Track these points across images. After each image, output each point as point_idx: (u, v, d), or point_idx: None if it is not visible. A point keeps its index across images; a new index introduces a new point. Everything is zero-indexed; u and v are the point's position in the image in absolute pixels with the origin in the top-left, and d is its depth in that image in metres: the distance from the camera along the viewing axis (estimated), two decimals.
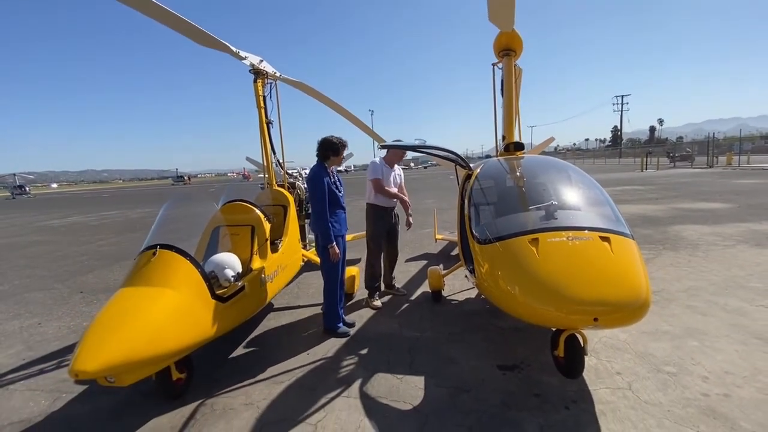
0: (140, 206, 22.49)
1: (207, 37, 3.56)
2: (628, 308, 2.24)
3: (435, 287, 4.55)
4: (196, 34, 3.46)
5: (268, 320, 4.30)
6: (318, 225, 3.63)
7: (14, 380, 3.31)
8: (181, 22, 3.25)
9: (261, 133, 4.94)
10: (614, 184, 18.30)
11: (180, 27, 3.32)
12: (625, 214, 9.21)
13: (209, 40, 3.62)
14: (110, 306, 2.54)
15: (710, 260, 5.44)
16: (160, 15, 3.14)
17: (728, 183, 15.73)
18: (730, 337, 3.30)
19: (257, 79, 4.70)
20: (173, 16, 3.17)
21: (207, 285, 2.89)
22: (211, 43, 3.67)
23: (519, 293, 2.54)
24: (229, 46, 3.95)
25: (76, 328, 4.40)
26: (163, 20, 3.20)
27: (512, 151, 4.27)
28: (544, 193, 3.21)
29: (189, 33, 3.44)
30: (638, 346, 3.22)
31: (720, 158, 30.77)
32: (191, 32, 3.42)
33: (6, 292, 5.99)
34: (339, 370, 3.16)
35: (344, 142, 3.77)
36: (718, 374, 2.77)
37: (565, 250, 2.54)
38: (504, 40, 4.27)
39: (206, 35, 3.53)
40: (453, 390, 2.79)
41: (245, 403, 2.77)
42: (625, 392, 2.63)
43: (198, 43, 3.59)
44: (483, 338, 3.57)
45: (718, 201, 10.80)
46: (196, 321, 2.74)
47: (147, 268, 2.78)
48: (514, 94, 4.50)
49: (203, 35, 3.51)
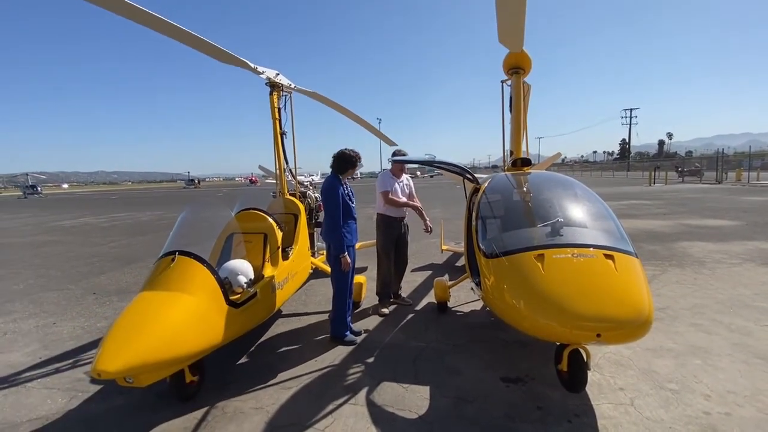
0: (149, 209, 22.81)
1: (228, 56, 3.83)
2: (631, 325, 2.31)
3: (441, 298, 4.62)
4: (218, 53, 3.72)
5: (276, 326, 4.39)
6: (331, 235, 3.74)
7: (31, 378, 3.42)
8: (205, 44, 3.51)
9: (275, 144, 5.09)
10: (622, 198, 18.27)
11: (204, 48, 3.59)
12: (632, 229, 9.12)
13: (230, 58, 3.89)
14: (131, 309, 2.65)
15: (716, 278, 5.46)
16: (189, 40, 3.41)
17: (737, 200, 15.64)
18: (733, 356, 3.32)
19: (273, 91, 4.86)
20: (199, 40, 3.42)
21: (222, 291, 3.00)
22: (232, 60, 3.94)
23: (524, 307, 2.61)
24: (247, 62, 4.20)
25: (90, 329, 4.52)
26: (191, 44, 3.47)
27: (519, 167, 4.36)
28: (550, 209, 3.28)
29: (212, 52, 3.70)
30: (642, 362, 3.26)
31: (729, 174, 30.53)
32: (214, 52, 3.68)
33: (21, 292, 6.15)
34: (346, 378, 3.24)
35: (359, 155, 3.93)
36: (720, 393, 2.81)
37: (570, 266, 2.61)
38: (513, 59, 4.39)
39: (227, 54, 3.79)
40: (457, 400, 2.85)
41: (255, 407, 2.86)
42: (628, 408, 2.68)
43: (220, 60, 3.86)
44: (487, 350, 3.63)
45: (726, 218, 10.76)
46: (211, 326, 2.85)
47: (166, 274, 2.90)
48: (522, 110, 4.61)
49: (224, 54, 3.78)
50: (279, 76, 4.82)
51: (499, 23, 3.28)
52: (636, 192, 21.81)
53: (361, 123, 6.10)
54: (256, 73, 4.51)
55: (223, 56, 3.82)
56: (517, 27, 3.36)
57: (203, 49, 3.61)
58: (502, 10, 3.08)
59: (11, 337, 4.36)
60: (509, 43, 3.79)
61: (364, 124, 6.12)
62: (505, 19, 3.24)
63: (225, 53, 3.77)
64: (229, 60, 3.92)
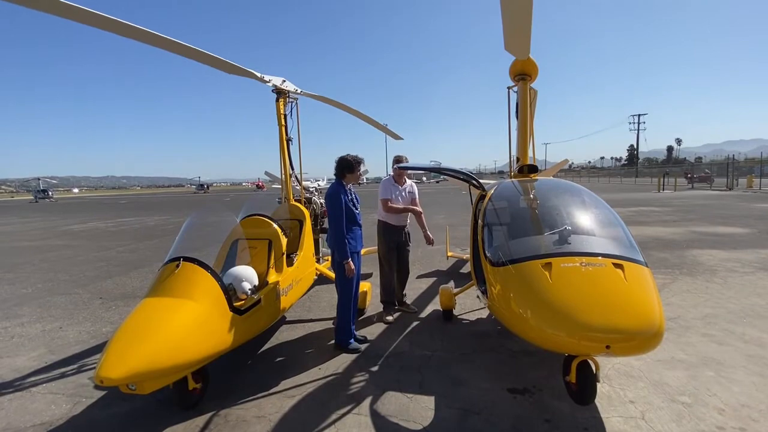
0: (157, 213, 23.02)
1: (235, 68, 4.00)
2: (641, 337, 2.25)
3: (446, 306, 4.57)
4: (225, 65, 3.91)
5: (280, 332, 4.37)
6: (335, 242, 3.72)
7: (37, 383, 3.43)
8: (211, 58, 3.68)
9: (281, 150, 5.11)
10: (630, 204, 18.06)
11: (211, 62, 3.77)
12: (641, 236, 9.00)
13: (237, 70, 4.05)
14: (135, 315, 2.65)
15: (728, 287, 5.35)
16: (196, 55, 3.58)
17: (748, 207, 15.39)
18: (747, 368, 3.24)
19: (279, 98, 4.90)
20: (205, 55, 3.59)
21: (226, 298, 2.99)
22: (239, 71, 4.10)
23: (531, 317, 2.56)
24: (254, 72, 4.34)
25: (95, 333, 4.54)
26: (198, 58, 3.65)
27: (526, 174, 4.32)
28: (557, 216, 3.24)
29: (219, 65, 3.89)
30: (653, 374, 3.19)
31: (740, 180, 30.10)
32: (221, 64, 3.87)
33: (30, 296, 6.21)
34: (350, 387, 3.20)
35: (359, 159, 3.91)
36: (734, 407, 2.73)
37: (578, 275, 2.56)
38: (519, 66, 4.37)
39: (234, 66, 3.96)
40: (463, 412, 2.80)
41: (257, 416, 2.83)
42: (638, 422, 2.61)
43: (227, 72, 4.04)
44: (494, 360, 3.58)
45: (738, 225, 10.58)
46: (215, 333, 2.83)
47: (170, 280, 2.90)
48: (529, 116, 4.57)
49: (232, 66, 3.95)
50: (285, 83, 4.85)
51: (505, 31, 3.26)
52: (645, 198, 21.56)
53: (367, 120, 6.32)
54: (263, 81, 4.62)
55: (229, 68, 3.98)
56: (523, 34, 3.34)
57: (211, 63, 3.77)
58: (508, 18, 3.06)
59: (18, 341, 4.39)
60: (515, 50, 3.77)
61: (371, 121, 6.35)
62: (511, 26, 3.22)
63: (231, 65, 3.93)
64: (235, 71, 4.08)
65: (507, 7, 2.89)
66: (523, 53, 3.89)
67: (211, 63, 3.77)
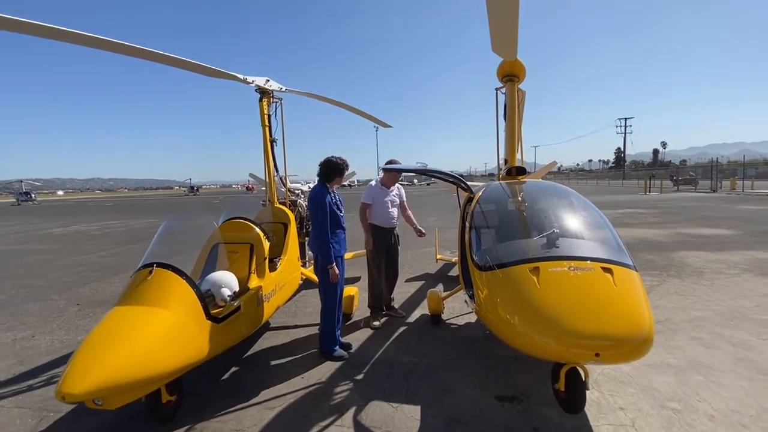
0: (143, 216, 22.56)
1: (217, 72, 4.08)
2: (631, 344, 2.18)
3: (434, 311, 4.48)
4: (208, 71, 4.01)
5: (263, 340, 4.23)
6: (318, 246, 3.61)
7: (3, 396, 3.25)
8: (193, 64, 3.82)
9: (264, 151, 4.99)
10: (617, 206, 18.24)
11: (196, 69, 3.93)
12: (628, 238, 9.01)
13: (219, 73, 4.14)
14: (102, 326, 2.50)
15: (715, 289, 5.36)
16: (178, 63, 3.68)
17: (732, 208, 15.64)
18: (736, 372, 3.20)
19: (263, 98, 4.78)
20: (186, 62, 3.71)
21: (202, 305, 2.86)
22: (221, 75, 4.19)
23: (518, 323, 2.49)
24: (236, 75, 4.37)
25: (69, 342, 4.34)
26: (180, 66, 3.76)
27: (514, 176, 4.26)
28: (545, 220, 3.17)
29: (201, 70, 3.98)
30: (642, 379, 3.13)
31: (724, 183, 30.73)
32: (203, 70, 3.97)
33: (1, 303, 5.95)
34: (333, 396, 3.08)
35: (346, 162, 3.80)
36: (724, 412, 2.68)
37: (567, 280, 2.50)
38: (507, 67, 4.32)
39: (216, 70, 4.06)
40: (449, 421, 2.70)
41: (236, 429, 2.70)
42: (629, 429, 2.54)
43: (210, 76, 4.10)
44: (482, 366, 3.49)
45: (723, 227, 10.71)
46: (190, 342, 2.69)
47: (142, 287, 2.75)
48: (517, 117, 4.53)
49: (214, 71, 4.04)
50: (269, 83, 4.74)
51: (492, 32, 3.20)
52: (632, 201, 21.82)
53: (354, 111, 6.31)
54: (246, 83, 4.59)
55: (211, 72, 4.04)
56: (511, 36, 3.29)
57: (193, 69, 3.90)
58: (495, 19, 3.00)
59: None
60: (503, 51, 3.71)
61: (358, 111, 6.35)
62: (498, 27, 3.16)
63: (213, 70, 4.00)
64: (218, 75, 4.14)
65: (493, 8, 2.83)
66: (511, 54, 3.84)
67: (194, 69, 3.90)
